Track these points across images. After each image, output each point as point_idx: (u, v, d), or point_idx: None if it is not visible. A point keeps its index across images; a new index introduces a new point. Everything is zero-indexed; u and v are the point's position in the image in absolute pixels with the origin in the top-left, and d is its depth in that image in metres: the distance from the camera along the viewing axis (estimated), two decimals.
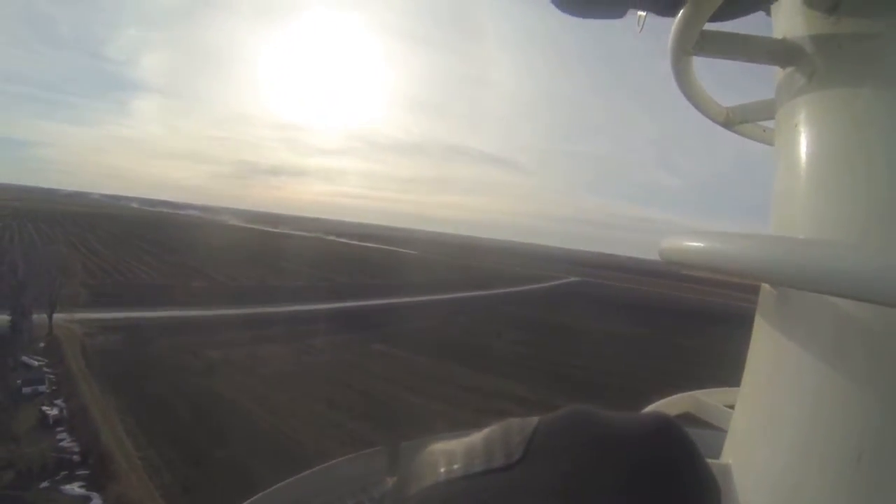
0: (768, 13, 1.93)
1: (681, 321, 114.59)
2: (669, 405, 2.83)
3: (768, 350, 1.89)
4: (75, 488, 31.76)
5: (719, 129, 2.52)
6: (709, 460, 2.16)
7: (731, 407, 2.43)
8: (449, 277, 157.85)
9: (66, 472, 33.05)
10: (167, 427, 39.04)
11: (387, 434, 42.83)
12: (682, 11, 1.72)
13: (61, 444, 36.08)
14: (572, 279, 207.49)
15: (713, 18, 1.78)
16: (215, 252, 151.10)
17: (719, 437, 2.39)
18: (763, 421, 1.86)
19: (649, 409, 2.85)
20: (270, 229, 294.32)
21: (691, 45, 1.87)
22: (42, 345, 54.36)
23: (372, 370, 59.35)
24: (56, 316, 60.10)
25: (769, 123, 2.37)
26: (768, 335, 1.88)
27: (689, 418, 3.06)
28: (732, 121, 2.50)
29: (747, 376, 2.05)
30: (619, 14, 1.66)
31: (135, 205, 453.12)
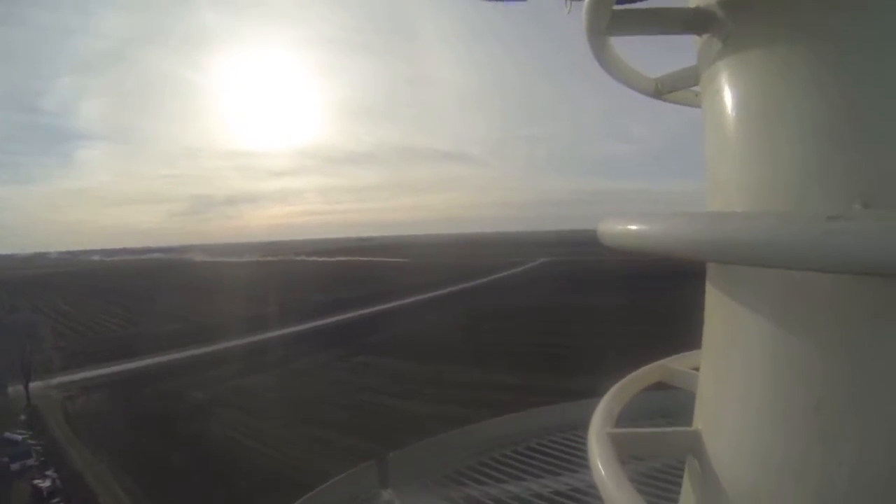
0: None
1: (651, 285, 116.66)
2: (640, 377, 3.23)
3: (721, 318, 2.12)
4: None
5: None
6: (680, 429, 2.39)
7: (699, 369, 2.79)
8: (420, 279, 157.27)
9: None
10: (166, 479, 38.73)
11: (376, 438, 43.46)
12: None
13: None
14: (542, 260, 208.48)
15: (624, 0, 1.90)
16: (183, 292, 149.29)
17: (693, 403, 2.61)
18: (726, 387, 2.11)
19: (621, 383, 3.12)
20: (236, 259, 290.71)
21: (604, 25, 2.01)
22: (22, 417, 53.16)
23: (354, 382, 59.40)
24: (32, 384, 58.77)
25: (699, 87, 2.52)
26: (719, 302, 2.12)
27: (661, 387, 3.40)
28: (662, 90, 2.66)
29: (706, 345, 2.35)
30: None
31: (95, 257, 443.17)
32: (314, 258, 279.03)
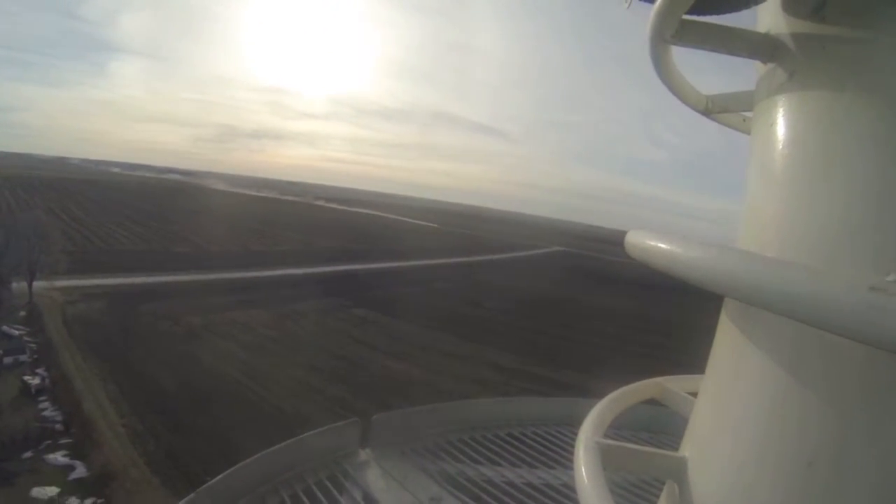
0: (754, 5, 1.95)
1: (661, 295, 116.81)
2: (636, 391, 3.24)
3: (731, 351, 2.08)
4: (59, 457, 31.97)
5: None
6: (668, 452, 2.40)
7: (695, 394, 2.77)
8: (433, 244, 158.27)
9: (49, 442, 33.25)
10: (150, 395, 39.19)
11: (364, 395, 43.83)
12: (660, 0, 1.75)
13: (44, 413, 36.32)
14: (555, 248, 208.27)
15: (697, 11, 1.86)
16: (197, 217, 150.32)
17: (682, 426, 2.63)
18: (722, 419, 2.10)
19: (615, 394, 3.12)
20: (254, 193, 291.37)
21: (670, 33, 1.96)
22: (22, 313, 54.05)
23: (352, 333, 59.72)
24: (36, 284, 59.70)
25: (750, 113, 2.45)
26: (731, 336, 2.07)
27: (654, 403, 3.44)
28: (712, 109, 2.62)
29: (710, 373, 2.32)
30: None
31: (116, 170, 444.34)
32: (333, 205, 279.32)
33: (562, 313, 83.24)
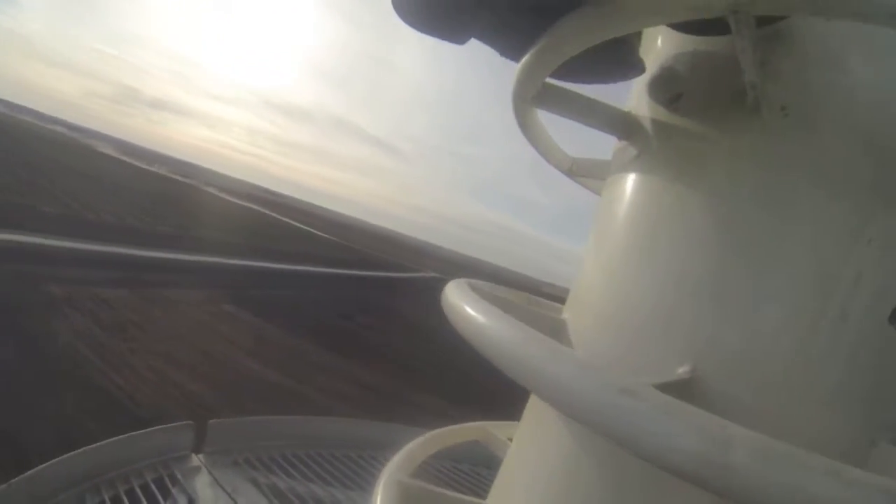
0: (617, 81, 1.89)
1: None
2: (459, 432, 3.37)
3: (531, 411, 2.13)
4: None
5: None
6: (470, 499, 2.57)
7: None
8: (315, 251, 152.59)
9: None
10: None
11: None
12: (523, 59, 1.73)
13: None
14: (431, 274, 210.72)
15: (563, 77, 1.82)
16: (75, 178, 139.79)
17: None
18: (519, 477, 2.11)
19: (435, 432, 3.22)
20: (143, 166, 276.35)
21: (531, 95, 1.92)
22: None
23: (219, 330, 58.20)
24: None
25: None
26: (533, 401, 2.14)
27: (476, 447, 3.58)
28: (576, 172, 2.66)
29: (521, 427, 2.30)
30: (460, 41, 1.65)
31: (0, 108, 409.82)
32: (224, 195, 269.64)
33: (428, 339, 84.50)
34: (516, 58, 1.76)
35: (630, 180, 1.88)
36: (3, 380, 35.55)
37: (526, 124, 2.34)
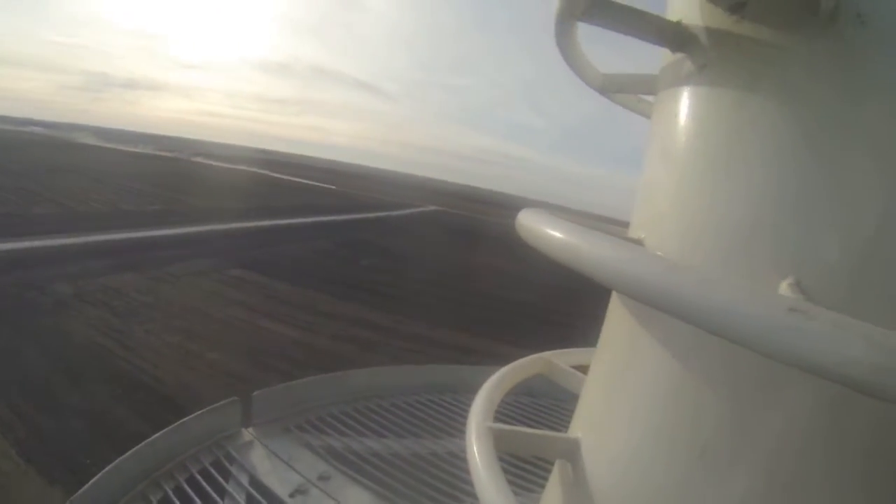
0: None
1: (533, 255, 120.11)
2: (521, 368, 3.30)
3: (623, 335, 2.09)
4: None
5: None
6: (560, 435, 2.52)
7: (583, 370, 2.87)
8: (311, 202, 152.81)
9: None
10: (15, 375, 37.58)
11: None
12: None
13: None
14: (431, 208, 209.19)
15: None
16: (61, 175, 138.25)
17: (570, 405, 2.71)
18: (614, 404, 2.11)
19: (500, 374, 3.18)
20: (127, 149, 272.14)
21: (580, 10, 1.86)
22: None
23: (229, 296, 58.81)
24: None
25: (647, 97, 2.57)
26: (624, 320, 2.09)
27: (542, 380, 3.53)
28: (608, 88, 2.58)
29: (600, 354, 2.33)
30: None
31: None
32: (212, 162, 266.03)
33: (432, 271, 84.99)
34: None
35: (696, 95, 1.84)
36: (35, 384, 36.70)
37: (564, 40, 2.30)
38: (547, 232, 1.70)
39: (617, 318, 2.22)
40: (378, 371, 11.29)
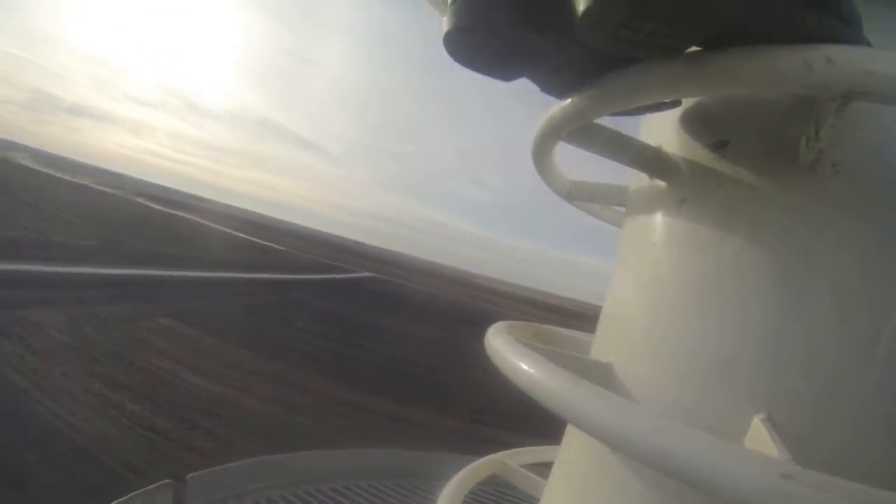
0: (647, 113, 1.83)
1: (466, 322, 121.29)
2: (473, 473, 3.32)
3: (589, 446, 2.05)
4: None
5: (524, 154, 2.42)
6: None
7: (539, 470, 2.95)
8: (247, 256, 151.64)
9: None
10: None
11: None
12: (571, 100, 1.68)
13: None
14: (366, 274, 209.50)
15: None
16: None
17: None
18: None
19: (453, 482, 3.18)
20: (67, 178, 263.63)
21: (565, 132, 1.86)
22: None
23: (157, 346, 56.86)
24: None
25: (618, 207, 2.57)
26: (589, 444, 2.06)
27: (496, 482, 4.21)
28: (575, 196, 2.62)
29: (565, 463, 2.30)
30: (510, 78, 1.59)
31: None
32: (153, 204, 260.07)
33: (364, 337, 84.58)
34: (560, 96, 1.76)
35: (673, 228, 1.86)
36: None
37: (541, 155, 2.35)
38: (514, 364, 1.70)
39: (578, 441, 2.23)
40: (317, 454, 10.86)
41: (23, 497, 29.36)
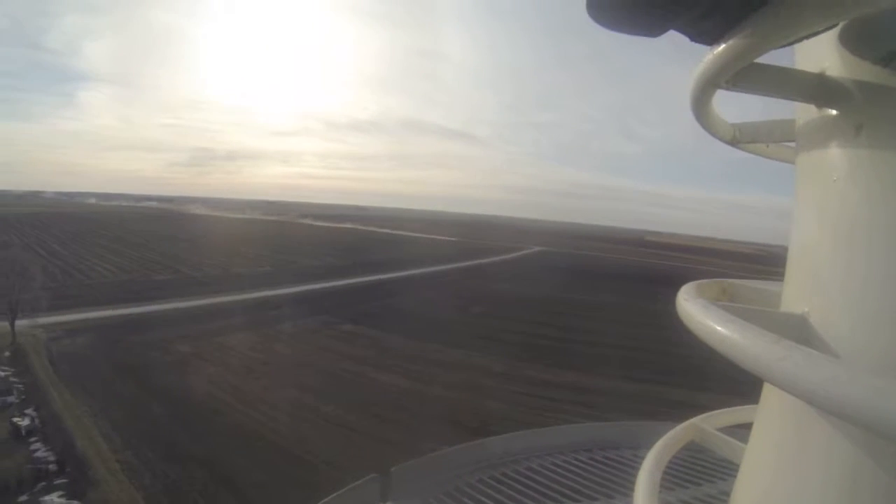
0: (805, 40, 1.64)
1: (642, 286, 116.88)
2: (672, 441, 3.21)
3: (792, 406, 1.89)
4: (55, 499, 31.79)
5: (678, 94, 2.34)
6: None
7: (735, 431, 2.90)
8: (415, 253, 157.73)
9: (43, 483, 32.97)
10: (142, 427, 38.93)
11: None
12: (725, 45, 1.58)
13: (36, 454, 35.94)
14: (536, 249, 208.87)
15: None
16: (177, 243, 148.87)
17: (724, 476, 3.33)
18: (782, 485, 1.95)
19: (654, 451, 3.05)
20: (234, 216, 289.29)
21: (725, 79, 1.75)
22: (6, 354, 53.75)
23: (342, 351, 59.38)
24: (19, 322, 59.15)
25: (788, 143, 2.43)
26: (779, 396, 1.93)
27: (693, 448, 3.49)
28: (740, 139, 2.47)
29: (766, 422, 2.16)
30: (657, 34, 1.54)
31: (92, 200, 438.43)
32: (319, 223, 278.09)
33: (544, 312, 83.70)
34: (711, 42, 1.60)
35: (856, 159, 1.67)
36: (161, 433, 37.94)
37: (701, 106, 2.15)
38: (708, 324, 1.57)
39: (772, 393, 2.03)
40: (514, 436, 10.36)
41: (239, 495, 31.48)
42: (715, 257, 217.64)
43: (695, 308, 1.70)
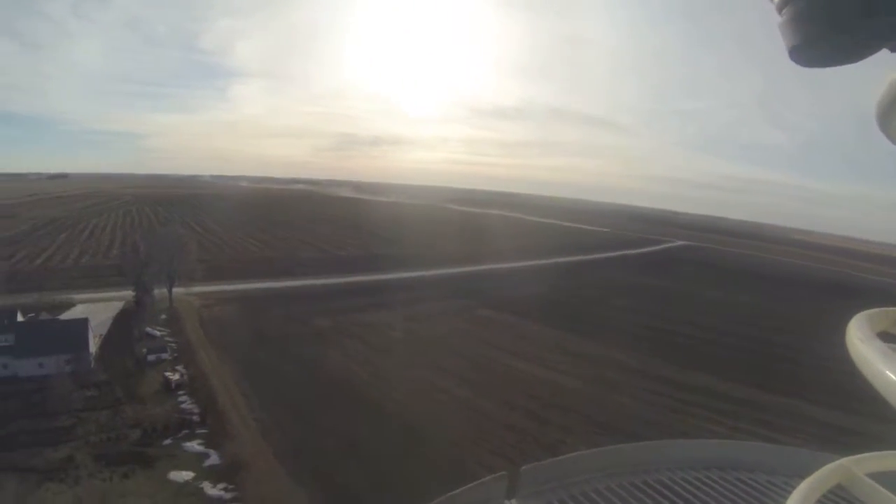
0: None
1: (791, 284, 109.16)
2: (818, 483, 2.76)
3: None
4: (195, 446, 34.84)
5: (826, 80, 2.01)
6: None
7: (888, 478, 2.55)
8: (557, 242, 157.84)
9: (186, 431, 36.21)
10: (279, 392, 40.46)
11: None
12: None
13: (182, 406, 39.47)
14: (679, 243, 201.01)
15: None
16: (323, 223, 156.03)
17: None
18: None
19: (801, 490, 2.68)
20: (377, 199, 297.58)
21: None
22: (164, 317, 58.96)
23: (477, 335, 59.31)
24: (175, 290, 64.85)
25: None
26: None
27: (839, 495, 3.06)
28: None
29: None
30: (864, 57, 1.42)
31: (244, 183, 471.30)
32: (459, 207, 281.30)
33: (683, 309, 79.96)
34: None
35: None
36: (295, 398, 39.24)
37: (888, 121, 1.87)
38: (880, 371, 1.49)
39: None
40: (647, 445, 10.71)
41: (356, 459, 31.86)
42: (876, 263, 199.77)
43: (875, 355, 1.56)
